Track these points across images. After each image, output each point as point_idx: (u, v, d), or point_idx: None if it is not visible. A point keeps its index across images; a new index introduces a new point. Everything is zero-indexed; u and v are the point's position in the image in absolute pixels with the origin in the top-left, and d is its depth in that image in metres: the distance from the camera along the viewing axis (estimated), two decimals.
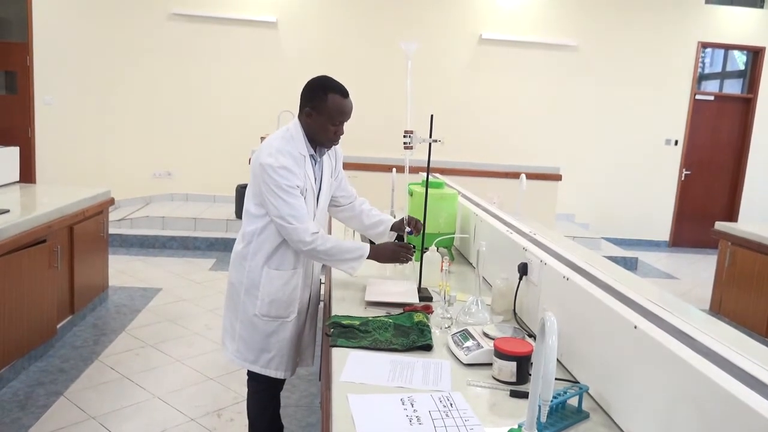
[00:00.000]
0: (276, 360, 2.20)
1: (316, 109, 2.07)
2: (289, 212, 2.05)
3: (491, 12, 7.38)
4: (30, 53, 6.87)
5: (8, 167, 4.36)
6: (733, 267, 4.70)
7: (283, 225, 2.06)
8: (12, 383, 3.13)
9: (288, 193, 2.04)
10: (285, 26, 7.16)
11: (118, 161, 7.14)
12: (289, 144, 2.09)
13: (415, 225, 2.34)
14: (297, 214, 2.05)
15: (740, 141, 7.94)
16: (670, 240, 8.04)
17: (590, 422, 1.39)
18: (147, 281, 5.03)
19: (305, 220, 2.08)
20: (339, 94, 2.07)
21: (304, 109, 2.11)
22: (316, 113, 2.07)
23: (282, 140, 2.10)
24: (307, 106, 2.09)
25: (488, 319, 1.96)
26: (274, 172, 2.03)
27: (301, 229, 2.06)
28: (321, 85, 2.08)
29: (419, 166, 2.73)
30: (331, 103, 2.05)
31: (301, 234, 2.06)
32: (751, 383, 1.03)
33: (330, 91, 2.06)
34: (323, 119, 2.07)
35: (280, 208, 2.05)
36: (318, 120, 2.08)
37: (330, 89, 2.06)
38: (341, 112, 2.07)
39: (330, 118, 2.07)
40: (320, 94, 2.06)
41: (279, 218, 2.06)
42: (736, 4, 7.68)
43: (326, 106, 2.05)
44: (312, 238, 2.07)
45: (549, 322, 1.04)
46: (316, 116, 2.08)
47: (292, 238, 2.08)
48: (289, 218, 2.05)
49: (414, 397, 1.44)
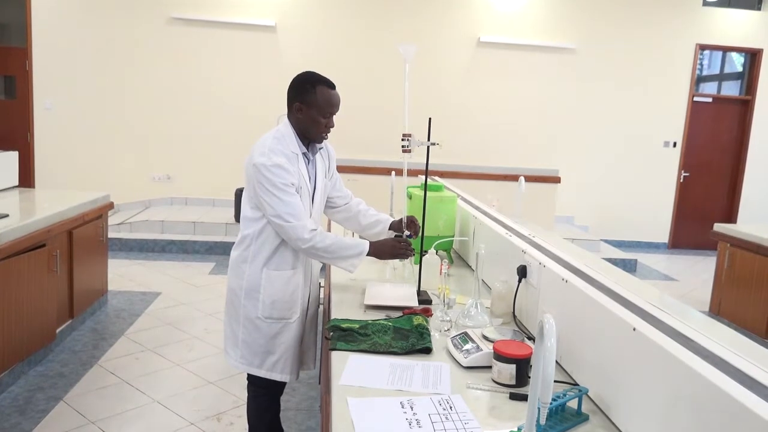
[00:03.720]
0: (281, 363, 2.19)
1: (306, 103, 2.09)
2: (285, 210, 2.04)
3: (489, 15, 7.39)
4: (29, 58, 6.88)
5: (7, 172, 4.36)
6: (732, 268, 4.70)
7: (281, 224, 2.05)
8: (11, 388, 3.13)
9: (283, 191, 2.03)
10: (284, 30, 7.17)
11: (117, 165, 7.14)
12: (280, 143, 2.10)
13: (414, 227, 2.35)
14: (294, 212, 2.04)
15: (739, 142, 7.95)
16: (669, 242, 8.05)
17: (590, 424, 1.39)
18: (146, 285, 5.03)
19: (302, 217, 2.07)
20: (326, 86, 2.10)
21: (293, 104, 2.12)
22: (306, 107, 2.10)
23: (273, 140, 2.10)
24: (297, 100, 2.11)
25: (487, 321, 1.96)
26: (267, 171, 2.02)
27: (299, 226, 2.05)
28: (308, 79, 2.12)
29: (418, 169, 2.73)
30: (320, 94, 2.08)
31: (300, 231, 2.05)
32: (750, 385, 1.04)
33: (317, 83, 2.09)
34: (313, 112, 2.09)
35: (276, 207, 2.04)
36: (308, 113, 2.10)
37: (317, 82, 2.10)
38: (330, 103, 2.10)
39: (320, 109, 2.09)
40: (308, 87, 2.10)
41: (276, 217, 2.05)
42: (733, 6, 7.70)
43: (315, 98, 2.08)
44: (311, 235, 2.07)
45: (548, 325, 1.04)
46: (306, 110, 2.10)
47: (290, 237, 2.07)
48: (287, 216, 2.04)
49: (414, 400, 1.44)
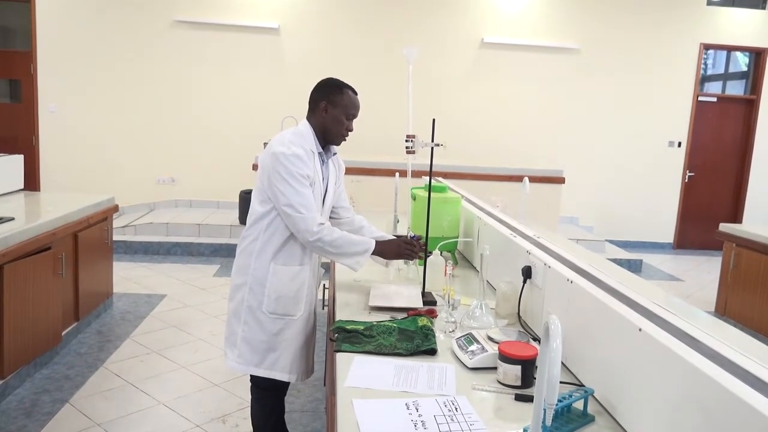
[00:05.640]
0: (282, 360, 2.18)
1: (333, 103, 2.18)
2: (298, 201, 2.07)
3: (493, 16, 7.39)
4: (34, 62, 6.91)
5: (13, 175, 4.39)
6: (738, 268, 4.68)
7: (291, 214, 2.07)
8: (17, 391, 3.14)
9: (298, 181, 2.07)
10: (287, 32, 7.18)
11: (121, 168, 7.16)
12: (300, 139, 2.16)
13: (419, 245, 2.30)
14: (306, 203, 2.08)
15: (743, 142, 7.92)
16: (674, 242, 8.02)
17: (596, 425, 1.38)
18: (151, 288, 5.04)
19: (313, 210, 2.10)
20: (352, 91, 2.23)
21: (319, 103, 2.19)
22: (332, 106, 2.18)
23: (293, 135, 2.17)
24: (324, 100, 2.18)
25: (492, 322, 1.96)
26: (285, 159, 2.07)
27: (309, 218, 2.08)
28: (335, 83, 2.22)
29: (422, 170, 2.73)
30: (347, 97, 2.19)
31: (309, 223, 2.08)
32: (758, 385, 1.03)
33: (344, 87, 2.21)
34: (338, 112, 2.18)
35: (289, 196, 2.07)
36: (333, 113, 2.18)
37: (344, 86, 2.21)
38: (354, 106, 2.21)
39: (345, 111, 2.18)
40: (336, 89, 2.19)
41: (288, 206, 2.07)
42: (738, 6, 7.68)
43: (342, 99, 2.18)
44: (319, 228, 2.10)
45: (553, 326, 1.04)
46: (332, 109, 2.18)
47: (299, 228, 2.09)
48: (299, 207, 2.07)
49: (419, 401, 1.44)
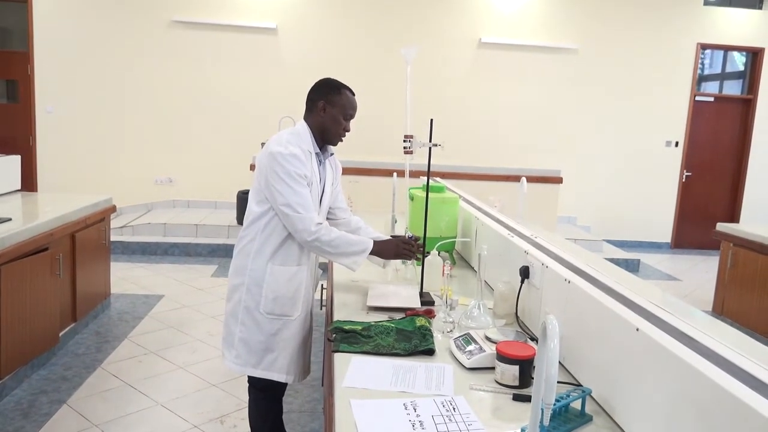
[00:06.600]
0: (280, 361, 2.18)
1: (331, 102, 2.18)
2: (296, 200, 2.07)
3: (491, 16, 7.40)
4: (31, 62, 6.90)
5: (10, 176, 4.38)
6: (735, 268, 4.70)
7: (289, 214, 2.07)
8: (15, 391, 3.13)
9: (296, 180, 2.08)
10: (285, 32, 7.18)
11: (119, 168, 7.15)
12: (297, 138, 2.16)
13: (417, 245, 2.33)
14: (303, 203, 2.08)
15: (741, 142, 7.94)
16: (671, 242, 8.04)
17: (593, 425, 1.39)
18: (149, 288, 5.04)
19: (311, 210, 2.10)
20: (349, 91, 2.24)
21: (317, 103, 2.19)
22: (330, 106, 2.18)
23: (290, 135, 2.17)
24: (322, 99, 2.19)
25: (490, 322, 1.96)
26: (283, 159, 2.07)
27: (307, 218, 2.08)
28: (333, 83, 2.22)
29: (420, 170, 2.73)
30: (345, 97, 2.20)
31: (307, 223, 2.08)
32: (755, 385, 1.03)
33: (342, 87, 2.22)
34: (336, 112, 2.19)
35: (287, 196, 2.06)
36: (331, 112, 2.19)
37: (343, 86, 2.22)
38: (352, 106, 2.23)
39: (343, 111, 2.19)
40: (334, 89, 2.20)
41: (285, 206, 2.07)
42: (734, 6, 7.70)
43: (340, 99, 2.19)
44: (317, 228, 2.10)
45: (551, 326, 1.04)
46: (329, 109, 2.18)
47: (296, 227, 2.09)
48: (296, 206, 2.07)
49: (417, 401, 1.44)
